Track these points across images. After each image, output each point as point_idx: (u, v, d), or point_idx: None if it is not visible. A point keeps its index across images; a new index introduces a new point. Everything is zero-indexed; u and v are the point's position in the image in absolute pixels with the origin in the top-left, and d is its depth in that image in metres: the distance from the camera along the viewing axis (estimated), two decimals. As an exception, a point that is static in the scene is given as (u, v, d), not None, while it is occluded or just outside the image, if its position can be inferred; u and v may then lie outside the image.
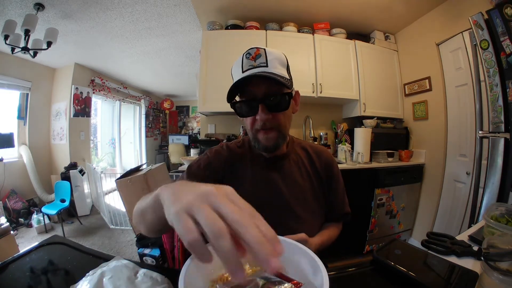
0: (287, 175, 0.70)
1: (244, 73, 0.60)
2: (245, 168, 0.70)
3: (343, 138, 2.30)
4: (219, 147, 0.75)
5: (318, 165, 0.74)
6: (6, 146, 3.09)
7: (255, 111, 0.60)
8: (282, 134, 0.64)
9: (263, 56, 0.60)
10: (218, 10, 2.22)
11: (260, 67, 0.59)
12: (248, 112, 0.62)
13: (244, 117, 0.63)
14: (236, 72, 0.63)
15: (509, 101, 1.12)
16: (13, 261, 0.53)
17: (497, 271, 0.40)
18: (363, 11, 2.20)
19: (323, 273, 0.30)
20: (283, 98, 0.60)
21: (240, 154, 0.72)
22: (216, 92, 2.12)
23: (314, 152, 0.76)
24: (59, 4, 2.06)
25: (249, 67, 0.60)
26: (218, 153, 0.72)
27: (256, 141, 0.65)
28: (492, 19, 1.15)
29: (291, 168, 0.71)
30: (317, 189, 0.72)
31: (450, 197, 2.03)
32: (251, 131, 0.65)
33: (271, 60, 0.60)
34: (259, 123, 0.61)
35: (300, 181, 0.70)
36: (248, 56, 0.61)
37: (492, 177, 1.17)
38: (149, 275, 0.45)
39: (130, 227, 2.77)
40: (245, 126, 0.66)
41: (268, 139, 0.62)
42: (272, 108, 0.60)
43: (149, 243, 0.93)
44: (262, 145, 0.64)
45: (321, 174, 0.73)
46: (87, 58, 3.46)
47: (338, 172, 0.77)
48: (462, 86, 1.94)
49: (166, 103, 6.52)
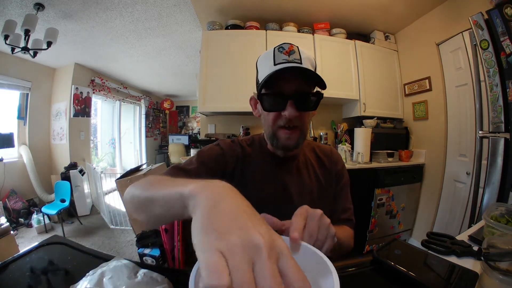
0: (296, 175, 0.69)
1: (276, 66, 0.56)
2: (255, 167, 0.68)
3: (343, 138, 2.30)
4: (232, 141, 0.72)
5: (328, 163, 0.74)
6: (6, 146, 3.09)
7: (282, 107, 0.57)
8: (304, 134, 0.63)
9: (297, 53, 0.58)
10: (218, 10, 2.22)
11: (294, 63, 0.56)
12: (275, 107, 0.58)
13: (269, 111, 0.60)
14: (266, 64, 0.59)
15: (509, 101, 1.12)
16: (13, 261, 0.53)
17: (497, 271, 0.40)
18: (363, 11, 2.20)
19: (335, 278, 0.29)
20: (313, 97, 0.59)
21: (250, 153, 0.71)
22: (216, 92, 2.12)
23: (322, 152, 0.76)
24: (59, 4, 2.06)
25: (283, 61, 0.57)
26: (232, 148, 0.69)
27: (274, 138, 0.62)
28: (492, 19, 1.15)
29: (300, 168, 0.71)
30: (326, 189, 0.72)
31: (450, 197, 2.03)
32: (271, 127, 0.61)
33: (304, 59, 0.58)
34: (283, 119, 0.58)
35: (307, 181, 0.70)
36: (281, 50, 0.58)
37: (492, 177, 1.17)
38: (149, 275, 0.45)
39: (130, 227, 2.77)
40: (265, 121, 0.64)
41: (290, 139, 0.60)
42: (301, 106, 0.58)
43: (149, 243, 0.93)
44: (282, 143, 0.61)
45: (330, 171, 0.73)
46: (87, 58, 3.46)
47: (344, 168, 0.77)
48: (462, 86, 1.94)
49: (166, 103, 6.52)
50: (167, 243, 0.91)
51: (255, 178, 0.67)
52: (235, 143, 0.71)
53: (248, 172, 0.67)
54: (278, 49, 0.59)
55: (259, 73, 0.63)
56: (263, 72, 0.59)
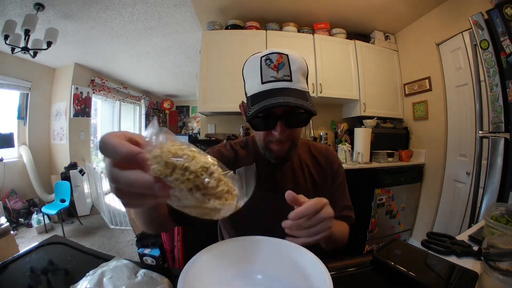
0: (290, 177, 0.70)
1: (264, 85, 0.54)
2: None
3: (343, 138, 2.30)
4: (222, 146, 0.73)
5: (323, 162, 0.74)
6: (6, 146, 3.10)
7: (272, 126, 0.57)
8: (295, 144, 0.64)
9: (287, 66, 0.54)
10: (218, 10, 2.22)
11: (283, 81, 0.54)
12: (265, 127, 0.59)
13: (260, 131, 0.60)
14: (253, 79, 0.57)
15: (509, 101, 1.12)
16: (13, 261, 0.53)
17: (497, 271, 0.40)
18: (363, 11, 2.20)
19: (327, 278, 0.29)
20: (303, 116, 0.58)
21: (244, 155, 0.72)
22: (216, 92, 2.12)
23: (317, 151, 0.76)
24: (59, 4, 2.06)
25: (270, 79, 0.54)
26: (221, 153, 0.71)
27: (267, 150, 0.63)
28: (492, 19, 1.15)
29: (294, 169, 0.71)
30: (322, 188, 0.72)
31: (450, 197, 2.03)
32: (263, 141, 0.62)
33: (294, 71, 0.55)
34: (274, 137, 0.58)
35: (302, 182, 0.70)
36: (269, 64, 0.54)
37: (492, 177, 1.17)
38: (149, 275, 0.45)
39: (130, 227, 2.77)
40: (256, 134, 0.64)
41: (281, 150, 0.61)
42: (291, 124, 0.58)
43: (149, 243, 0.93)
44: (274, 154, 0.62)
45: (326, 170, 0.74)
46: (87, 58, 3.46)
47: (340, 167, 0.77)
48: (462, 86, 1.94)
49: (166, 103, 6.52)
50: (167, 243, 0.91)
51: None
52: (226, 148, 0.72)
53: None
54: (265, 60, 0.55)
55: (246, 85, 0.62)
56: (250, 87, 0.58)
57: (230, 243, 0.41)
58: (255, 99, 0.55)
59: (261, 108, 0.52)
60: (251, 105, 0.56)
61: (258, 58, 0.57)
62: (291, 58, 0.55)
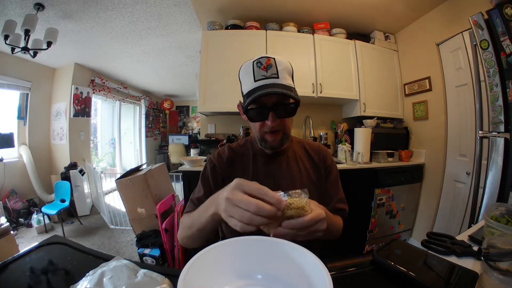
0: (286, 169, 0.77)
1: (256, 82, 0.65)
2: (247, 164, 0.78)
3: (343, 138, 2.30)
4: (221, 149, 0.82)
5: (317, 159, 0.82)
6: (6, 146, 3.09)
7: (265, 117, 0.67)
8: (287, 134, 0.73)
9: (274, 67, 0.65)
10: (218, 10, 2.22)
11: (272, 78, 0.65)
12: (259, 118, 0.69)
13: (255, 121, 0.71)
14: (248, 79, 0.68)
15: (509, 101, 1.12)
16: (13, 261, 0.53)
17: (497, 271, 0.40)
18: (363, 11, 2.20)
19: (327, 278, 0.30)
20: (291, 106, 0.68)
21: (242, 152, 0.80)
22: (216, 92, 2.12)
23: (311, 149, 0.84)
24: (59, 4, 2.06)
25: (261, 77, 0.65)
26: (220, 155, 0.79)
27: (263, 141, 0.73)
28: (492, 19, 1.15)
29: (289, 162, 0.79)
30: (316, 182, 0.79)
31: (450, 197, 2.03)
32: (259, 132, 0.72)
33: (281, 71, 0.66)
34: (268, 127, 0.68)
35: (297, 174, 0.78)
36: (259, 65, 0.66)
37: (492, 177, 1.17)
38: (149, 275, 0.45)
39: (130, 227, 2.76)
40: (253, 127, 0.74)
41: (275, 140, 0.71)
42: (281, 114, 0.68)
43: (149, 243, 0.93)
44: (269, 144, 0.72)
45: (319, 167, 0.81)
46: (87, 58, 3.46)
47: (333, 163, 0.84)
48: (462, 86, 1.94)
49: (166, 103, 6.52)
50: (167, 243, 0.91)
51: (248, 172, 0.76)
52: (224, 150, 0.81)
53: (241, 168, 0.78)
54: (256, 63, 0.66)
55: (242, 86, 0.72)
56: (245, 86, 0.69)
57: (230, 243, 0.41)
58: (249, 94, 0.66)
59: (254, 97, 0.63)
60: (246, 99, 0.67)
61: (250, 62, 0.68)
62: (277, 60, 0.67)
